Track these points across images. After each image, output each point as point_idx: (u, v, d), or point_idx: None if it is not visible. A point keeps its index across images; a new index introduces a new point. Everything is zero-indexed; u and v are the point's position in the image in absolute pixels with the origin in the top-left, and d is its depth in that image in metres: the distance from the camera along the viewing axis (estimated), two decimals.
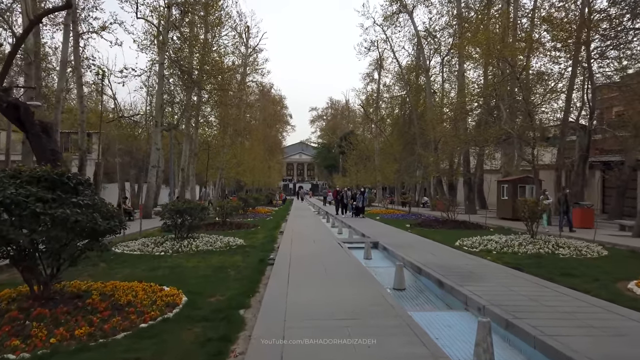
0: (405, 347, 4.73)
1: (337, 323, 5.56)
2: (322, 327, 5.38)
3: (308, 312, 6.04)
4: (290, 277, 8.49)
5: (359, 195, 24.85)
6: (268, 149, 62.94)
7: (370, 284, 7.92)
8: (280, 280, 8.24)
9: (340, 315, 5.91)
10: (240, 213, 27.67)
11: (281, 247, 13.02)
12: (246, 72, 47.30)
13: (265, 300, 6.83)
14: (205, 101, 35.34)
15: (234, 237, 15.25)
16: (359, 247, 14.06)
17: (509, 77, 25.00)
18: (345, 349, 4.71)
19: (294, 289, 7.48)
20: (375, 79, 51.79)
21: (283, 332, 5.20)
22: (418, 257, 10.80)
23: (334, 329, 5.31)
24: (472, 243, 13.91)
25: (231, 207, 19.91)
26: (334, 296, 6.97)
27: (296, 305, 6.42)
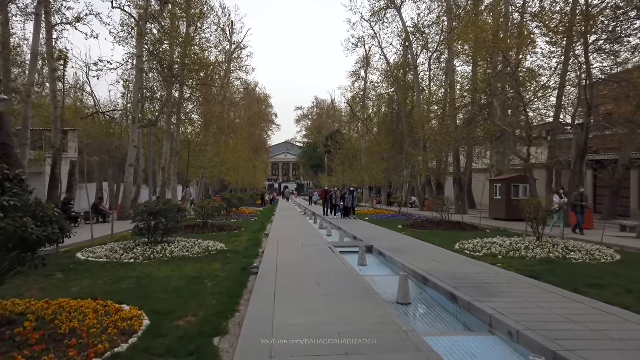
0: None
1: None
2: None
3: (299, 344, 4.73)
4: (277, 291, 7.17)
5: (348, 195, 23.52)
6: (253, 148, 61.43)
7: (372, 299, 6.65)
8: (264, 295, 6.91)
9: (341, 348, 4.61)
10: (223, 214, 26.22)
11: (266, 253, 11.69)
12: (230, 69, 45.80)
13: (246, 324, 5.50)
14: (187, 98, 33.82)
15: (214, 241, 13.86)
16: (351, 251, 12.80)
17: (504, 72, 24.02)
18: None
19: (282, 307, 6.16)
20: (362, 77, 50.72)
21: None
22: (420, 264, 9.56)
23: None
24: (474, 246, 12.73)
25: (213, 208, 18.49)
26: (330, 318, 5.68)
27: (284, 330, 5.11)
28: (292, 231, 17.96)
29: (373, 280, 8.88)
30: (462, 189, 32.25)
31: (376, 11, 37.58)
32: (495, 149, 27.22)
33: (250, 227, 20.14)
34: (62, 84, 27.24)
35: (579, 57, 21.45)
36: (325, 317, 5.69)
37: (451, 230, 18.41)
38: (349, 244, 13.88)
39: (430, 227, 19.25)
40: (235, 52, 46.98)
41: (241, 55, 46.20)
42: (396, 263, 10.25)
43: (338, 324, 5.37)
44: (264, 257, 10.88)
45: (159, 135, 38.16)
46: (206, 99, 34.17)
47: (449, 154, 34.05)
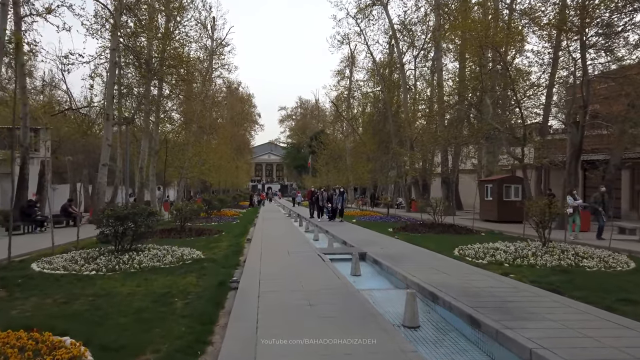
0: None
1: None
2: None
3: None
4: (260, 314, 5.86)
5: (337, 196, 22.15)
6: (236, 148, 59.82)
7: (374, 322, 5.39)
8: (245, 320, 5.60)
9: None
10: (203, 216, 24.74)
11: (248, 262, 10.35)
12: (212, 67, 44.21)
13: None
14: (167, 95, 32.26)
15: (191, 248, 12.47)
16: (342, 258, 11.56)
17: (494, 69, 23.06)
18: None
19: (266, 338, 4.86)
20: (347, 76, 49.60)
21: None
22: (423, 275, 8.34)
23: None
24: (476, 253, 11.57)
25: (190, 211, 17.05)
26: (328, 352, 4.40)
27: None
28: (276, 235, 16.63)
29: (371, 295, 7.63)
30: (450, 190, 31.25)
31: (362, 8, 36.46)
32: (486, 148, 26.21)
33: (232, 231, 18.75)
34: (15, 74, 25.36)
35: (572, 52, 20.60)
36: (322, 353, 4.41)
37: (445, 234, 17.30)
38: (340, 251, 12.61)
39: (422, 230, 18.10)
40: (217, 49, 45.47)
41: (223, 52, 44.61)
42: (395, 274, 9.00)
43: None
44: (246, 268, 9.54)
45: (136, 134, 36.44)
46: (186, 96, 32.64)
47: (436, 154, 33.13)
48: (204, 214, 24.79)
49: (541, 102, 24.52)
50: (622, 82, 18.93)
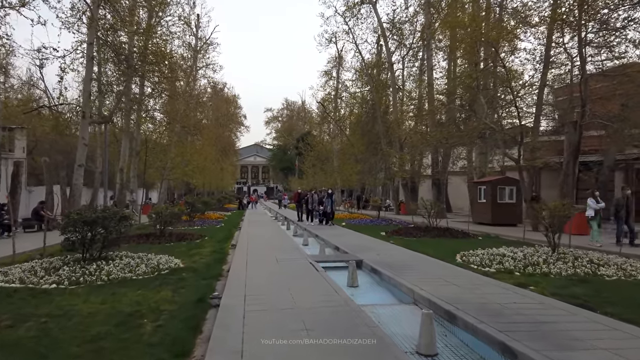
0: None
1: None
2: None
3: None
4: (246, 345, 4.73)
5: (326, 198, 21.01)
6: (221, 149, 58.41)
7: (386, 352, 4.31)
8: (226, 354, 4.47)
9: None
10: (186, 220, 23.44)
11: (232, 271, 9.19)
12: (196, 65, 42.86)
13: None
14: (149, 94, 30.88)
15: (169, 255, 11.25)
16: (336, 266, 10.48)
17: (487, 68, 22.25)
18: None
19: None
20: (334, 77, 48.65)
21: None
22: (431, 287, 7.29)
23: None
24: (481, 259, 10.56)
25: (170, 214, 15.78)
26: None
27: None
28: (263, 240, 15.45)
29: (375, 312, 6.54)
30: (440, 192, 30.40)
31: (350, 6, 35.50)
32: (479, 149, 25.36)
33: (215, 236, 17.52)
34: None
35: (569, 49, 19.85)
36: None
37: (441, 238, 16.30)
38: (333, 258, 11.49)
39: (417, 234, 17.07)
40: (202, 48, 44.13)
41: (208, 50, 43.32)
42: (398, 286, 7.93)
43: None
44: (229, 279, 8.38)
45: (117, 134, 34.97)
46: (169, 95, 31.30)
47: (425, 156, 32.29)
48: (186, 217, 23.52)
49: (534, 102, 23.85)
50: (622, 80, 18.16)
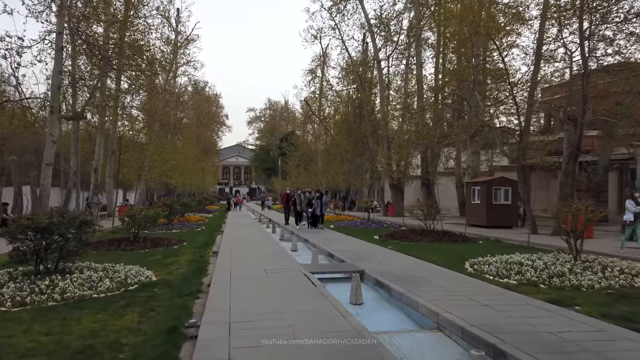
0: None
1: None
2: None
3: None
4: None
5: (316, 199, 19.52)
6: (202, 149, 56.51)
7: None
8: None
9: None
10: (164, 222, 21.79)
11: (214, 287, 7.70)
12: (176, 61, 41.05)
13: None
14: (125, 90, 29.07)
15: (140, 265, 9.70)
16: (334, 277, 9.10)
17: (484, 60, 21.14)
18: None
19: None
20: (319, 76, 47.29)
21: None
22: (458, 310, 5.94)
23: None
24: (496, 269, 9.26)
25: (145, 218, 14.18)
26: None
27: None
28: (248, 246, 13.95)
29: (394, 344, 5.17)
30: (430, 193, 29.25)
31: (336, 1, 34.15)
32: (472, 148, 24.26)
33: (195, 240, 15.95)
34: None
35: (567, 44, 18.84)
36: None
37: (439, 242, 15.04)
38: (330, 268, 10.06)
39: (413, 238, 15.76)
40: (182, 45, 42.31)
41: (188, 47, 41.54)
42: (414, 305, 6.55)
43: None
44: (210, 298, 6.90)
45: (91, 132, 33.03)
46: (147, 91, 29.57)
47: (414, 156, 31.15)
48: (163, 219, 21.87)
49: (525, 100, 22.84)
50: (628, 76, 17.17)
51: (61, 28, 20.62)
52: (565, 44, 18.96)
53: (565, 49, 19.01)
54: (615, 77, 18.04)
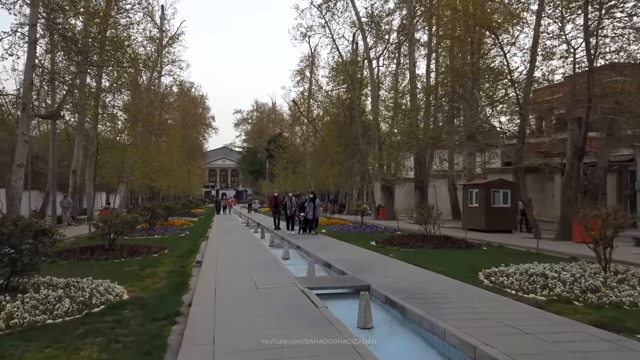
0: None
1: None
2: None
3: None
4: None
5: (309, 202, 17.90)
6: (188, 151, 54.86)
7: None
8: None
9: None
10: (145, 227, 20.37)
11: (196, 308, 6.39)
12: (161, 58, 39.57)
13: None
14: (107, 88, 27.56)
15: (112, 280, 8.36)
16: (336, 293, 7.90)
17: (480, 57, 20.13)
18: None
19: None
20: (307, 77, 46.15)
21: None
22: (500, 343, 4.76)
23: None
24: (519, 283, 8.10)
25: (122, 223, 12.81)
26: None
27: None
28: (235, 255, 12.65)
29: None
30: (424, 195, 28.21)
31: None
32: (469, 149, 23.24)
33: (178, 248, 14.59)
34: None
35: (570, 40, 17.91)
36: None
37: (442, 249, 13.92)
38: (330, 283, 8.79)
39: (413, 244, 14.60)
40: (167, 42, 40.81)
41: (173, 44, 40.07)
42: (439, 332, 5.35)
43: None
44: (190, 326, 5.60)
45: (70, 133, 31.38)
46: (130, 89, 28.11)
47: (407, 157, 30.13)
48: (145, 224, 20.45)
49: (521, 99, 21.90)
50: (635, 71, 16.28)
51: (35, 20, 19.14)
52: (568, 40, 18.06)
53: (567, 45, 18.11)
54: (623, 75, 17.10)
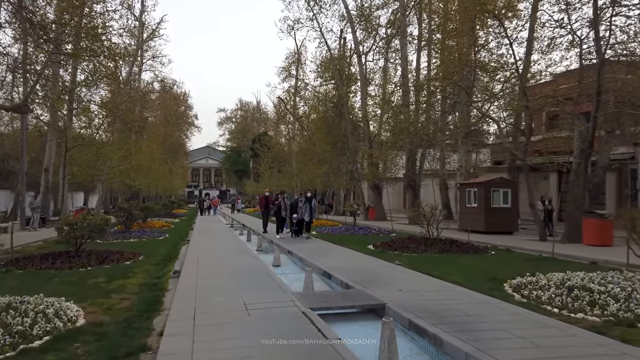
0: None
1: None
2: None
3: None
4: None
5: (303, 203, 16.00)
6: (169, 149, 52.86)
7: None
8: None
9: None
10: (121, 230, 18.64)
11: (167, 345, 4.88)
12: (142, 53, 37.66)
13: None
14: (81, 82, 25.68)
15: (68, 296, 6.73)
16: (343, 312, 6.43)
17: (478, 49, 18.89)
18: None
19: None
20: (294, 74, 44.64)
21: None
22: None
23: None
24: (560, 299, 6.74)
25: (91, 226, 11.15)
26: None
27: None
28: (220, 262, 11.08)
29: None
30: (416, 195, 26.96)
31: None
32: (465, 147, 22.01)
33: (154, 253, 12.95)
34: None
35: (576, 31, 16.77)
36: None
37: (449, 254, 12.54)
38: (336, 301, 7.14)
39: (416, 248, 13.18)
40: (147, 37, 38.90)
41: (154, 38, 38.17)
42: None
43: None
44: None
45: (42, 129, 29.36)
46: (108, 83, 26.30)
47: (398, 155, 28.86)
48: (121, 226, 18.74)
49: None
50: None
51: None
52: (574, 30, 16.91)
53: (573, 35, 16.95)
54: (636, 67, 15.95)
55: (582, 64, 17.02)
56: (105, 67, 24.21)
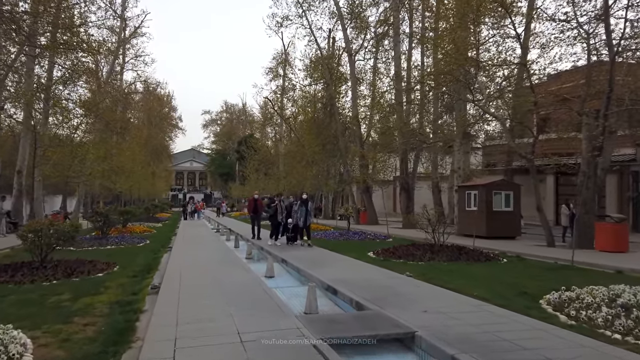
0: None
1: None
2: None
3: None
4: None
5: (299, 206, 14.57)
6: (152, 152, 51.03)
7: None
8: None
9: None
10: (98, 235, 17.09)
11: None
12: (124, 51, 35.97)
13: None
14: (58, 79, 24.11)
15: (19, 321, 5.32)
16: (359, 343, 5.13)
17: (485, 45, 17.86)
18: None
19: None
20: (281, 75, 43.32)
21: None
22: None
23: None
24: (622, 323, 5.58)
25: (57, 234, 9.71)
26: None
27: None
28: (205, 275, 9.67)
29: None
30: (410, 198, 25.86)
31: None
32: (464, 148, 20.94)
33: (132, 263, 11.49)
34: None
35: (583, 24, 15.80)
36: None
37: (459, 262, 11.37)
38: (351, 327, 5.73)
39: (420, 256, 11.93)
40: (130, 35, 37.21)
41: (136, 36, 36.51)
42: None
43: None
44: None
45: (14, 128, 27.52)
46: (87, 81, 24.75)
47: (392, 156, 27.77)
48: (97, 232, 17.21)
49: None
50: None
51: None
52: (580, 23, 15.93)
53: (579, 29, 15.96)
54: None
55: (590, 60, 16.07)
56: (84, 63, 22.77)
